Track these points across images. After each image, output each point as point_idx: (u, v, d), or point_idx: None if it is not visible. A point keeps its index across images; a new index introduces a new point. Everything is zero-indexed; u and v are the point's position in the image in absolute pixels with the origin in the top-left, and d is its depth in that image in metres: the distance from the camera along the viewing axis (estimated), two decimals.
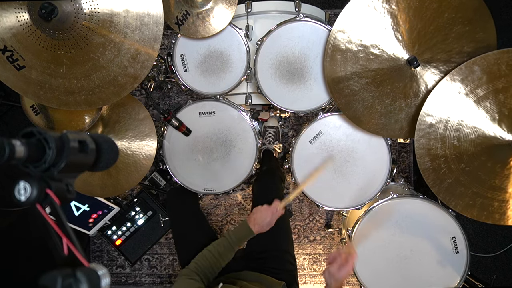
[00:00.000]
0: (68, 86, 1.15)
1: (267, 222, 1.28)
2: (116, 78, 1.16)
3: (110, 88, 1.18)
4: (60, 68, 1.13)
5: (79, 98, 1.18)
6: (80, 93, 1.17)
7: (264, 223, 1.28)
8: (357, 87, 1.34)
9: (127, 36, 1.12)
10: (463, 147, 1.26)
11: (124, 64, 1.15)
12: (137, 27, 1.12)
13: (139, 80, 1.18)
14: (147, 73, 1.18)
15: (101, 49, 1.12)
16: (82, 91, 1.17)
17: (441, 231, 1.46)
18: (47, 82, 1.14)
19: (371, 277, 1.50)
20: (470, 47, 1.25)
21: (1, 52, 1.08)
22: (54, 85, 1.15)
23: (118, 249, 2.05)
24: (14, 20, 1.06)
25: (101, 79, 1.16)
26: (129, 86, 1.18)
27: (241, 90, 1.56)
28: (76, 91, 1.17)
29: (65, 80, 1.15)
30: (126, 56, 1.14)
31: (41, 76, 1.13)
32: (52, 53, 1.11)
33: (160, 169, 2.06)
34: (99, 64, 1.14)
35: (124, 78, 1.17)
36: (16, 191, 0.47)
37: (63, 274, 0.42)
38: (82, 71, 1.14)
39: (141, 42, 1.14)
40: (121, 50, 1.13)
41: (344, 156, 1.49)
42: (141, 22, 1.12)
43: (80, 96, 1.17)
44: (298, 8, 1.45)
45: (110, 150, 0.58)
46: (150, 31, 1.13)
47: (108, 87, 1.17)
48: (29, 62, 1.11)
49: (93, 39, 1.11)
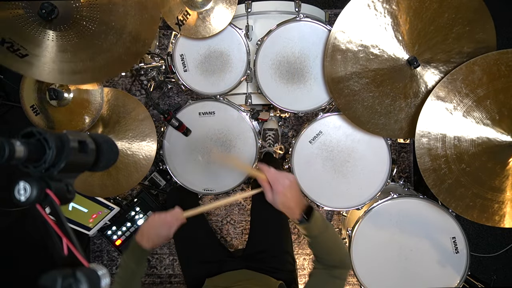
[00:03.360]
0: (75, 67, 1.18)
1: (162, 234, 1.04)
2: (120, 57, 1.21)
3: (115, 65, 1.23)
4: (65, 54, 1.15)
5: (86, 76, 1.21)
6: (86, 72, 1.20)
7: (156, 236, 1.03)
8: (357, 87, 1.34)
9: (128, 21, 1.17)
10: (464, 147, 1.26)
11: (126, 45, 1.19)
12: (136, 12, 1.16)
13: (142, 55, 1.29)
14: (148, 49, 1.25)
15: (103, 35, 1.16)
16: (88, 70, 1.20)
17: (441, 231, 1.46)
18: (52, 66, 1.15)
19: (371, 277, 1.50)
20: (470, 47, 1.25)
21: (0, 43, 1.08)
22: (59, 67, 1.16)
23: (118, 249, 2.04)
24: (15, 18, 1.07)
25: (106, 60, 1.20)
26: (133, 61, 1.28)
27: (241, 90, 1.56)
28: (83, 71, 1.19)
29: (71, 63, 1.17)
30: (128, 38, 1.19)
31: (46, 63, 1.14)
32: (55, 43, 1.13)
33: (160, 169, 2.06)
34: (103, 48, 1.18)
35: (128, 57, 1.22)
36: (16, 191, 0.47)
37: (63, 274, 0.42)
38: (87, 55, 1.18)
39: (141, 25, 1.19)
40: (122, 34, 1.17)
41: (344, 156, 1.49)
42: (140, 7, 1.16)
43: (87, 74, 1.21)
44: (298, 8, 1.45)
45: (110, 150, 0.58)
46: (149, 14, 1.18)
47: (113, 64, 1.22)
48: (32, 51, 1.12)
49: (95, 28, 1.14)
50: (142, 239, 1.04)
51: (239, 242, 2.22)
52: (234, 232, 2.23)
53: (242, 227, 2.23)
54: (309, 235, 1.00)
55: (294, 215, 0.96)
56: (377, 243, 1.50)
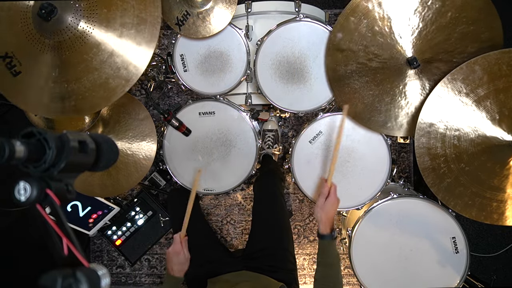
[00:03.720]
0: (59, 91, 1.13)
1: (181, 261, 1.24)
2: (107, 80, 1.12)
3: (100, 92, 1.13)
4: (53, 71, 1.11)
5: (68, 104, 1.14)
6: (70, 98, 1.14)
7: (179, 264, 1.23)
8: (357, 85, 1.34)
9: (123, 34, 1.11)
10: (463, 147, 1.26)
11: (117, 66, 1.11)
12: (134, 25, 1.11)
13: (131, 84, 1.13)
14: (139, 76, 1.12)
15: (94, 49, 1.10)
16: (72, 96, 1.13)
17: (441, 231, 1.46)
18: (39, 87, 1.13)
19: (371, 277, 1.50)
20: (474, 47, 1.24)
21: (2, 59, 1.08)
22: (45, 90, 1.13)
23: (118, 249, 2.04)
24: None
25: (92, 82, 1.12)
26: (120, 90, 1.13)
27: (241, 90, 1.56)
28: (66, 96, 1.14)
29: (56, 84, 1.12)
30: (119, 57, 1.11)
31: (35, 81, 1.12)
32: (47, 55, 1.10)
33: (160, 169, 2.06)
34: (92, 65, 1.11)
35: (116, 81, 1.12)
36: (16, 191, 0.47)
37: (63, 274, 0.42)
38: (74, 73, 1.12)
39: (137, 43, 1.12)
40: (114, 50, 1.11)
41: (344, 156, 1.49)
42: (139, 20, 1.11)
43: (70, 101, 1.14)
44: (298, 8, 1.45)
45: (110, 150, 0.58)
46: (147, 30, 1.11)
47: (99, 91, 1.13)
48: (26, 66, 1.10)
49: (89, 40, 1.10)
50: (172, 272, 1.23)
51: (239, 242, 2.22)
52: (234, 232, 2.23)
53: (242, 227, 2.23)
54: (326, 258, 1.16)
55: (327, 227, 1.16)
56: (377, 243, 1.50)
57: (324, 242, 1.17)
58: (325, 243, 1.17)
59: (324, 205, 1.18)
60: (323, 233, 1.17)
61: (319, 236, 1.18)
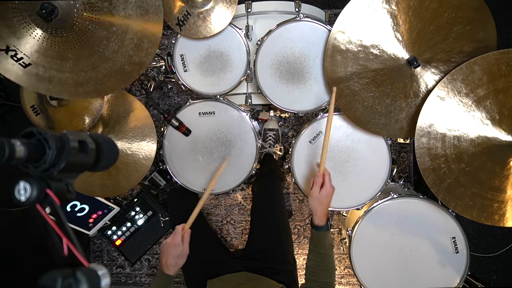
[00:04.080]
0: (77, 78, 1.16)
1: (177, 254, 1.10)
2: (122, 67, 1.17)
3: (117, 77, 1.19)
4: (66, 63, 1.14)
5: (89, 88, 1.18)
6: (89, 84, 1.17)
7: (173, 258, 1.09)
8: (357, 87, 1.34)
9: (130, 18, 1.14)
10: (463, 147, 1.26)
11: (128, 54, 1.16)
12: (137, 5, 1.13)
13: (145, 67, 1.21)
14: (152, 59, 1.20)
15: (104, 41, 1.14)
16: (90, 81, 1.17)
17: (441, 231, 1.46)
18: (55, 76, 1.14)
19: (371, 277, 1.50)
20: (470, 47, 1.25)
21: (4, 52, 1.08)
22: (62, 78, 1.15)
23: (118, 249, 2.04)
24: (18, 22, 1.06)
25: (108, 69, 1.17)
26: (136, 73, 1.21)
27: (241, 90, 1.56)
28: (85, 83, 1.17)
29: (73, 73, 1.15)
30: (130, 45, 1.16)
31: (48, 72, 1.13)
32: (56, 50, 1.11)
33: (160, 169, 2.06)
34: (105, 56, 1.15)
35: (130, 66, 1.18)
36: (16, 191, 0.47)
37: (63, 274, 0.42)
38: (89, 63, 1.15)
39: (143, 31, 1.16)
40: (124, 41, 1.15)
41: (344, 156, 1.49)
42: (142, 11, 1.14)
43: (89, 86, 1.18)
44: (298, 8, 1.45)
45: (110, 150, 0.58)
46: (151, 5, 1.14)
47: (116, 76, 1.18)
48: (35, 60, 1.11)
49: (96, 33, 1.12)
50: (165, 267, 1.10)
51: (239, 242, 2.22)
52: (234, 232, 2.23)
53: (242, 227, 2.23)
54: (319, 249, 1.15)
55: (323, 218, 1.14)
56: (377, 243, 1.50)
57: (319, 234, 1.14)
58: (320, 234, 1.13)
59: (319, 195, 1.13)
60: (318, 224, 1.14)
61: (314, 227, 1.15)
